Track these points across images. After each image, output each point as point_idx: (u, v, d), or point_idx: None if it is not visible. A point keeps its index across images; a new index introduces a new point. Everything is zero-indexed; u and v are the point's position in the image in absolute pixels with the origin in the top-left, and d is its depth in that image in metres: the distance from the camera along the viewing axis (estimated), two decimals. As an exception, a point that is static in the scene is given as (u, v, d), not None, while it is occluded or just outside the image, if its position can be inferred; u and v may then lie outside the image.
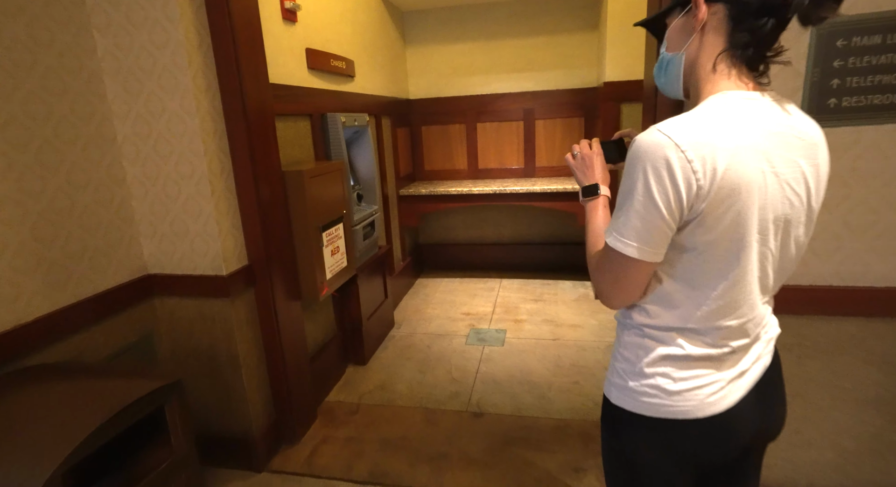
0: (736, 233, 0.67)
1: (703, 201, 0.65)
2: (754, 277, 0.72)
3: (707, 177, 0.64)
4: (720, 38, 0.72)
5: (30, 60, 1.27)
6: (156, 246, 1.62)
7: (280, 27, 1.91)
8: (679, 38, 0.78)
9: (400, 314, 3.16)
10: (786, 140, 0.68)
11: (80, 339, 1.42)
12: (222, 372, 1.72)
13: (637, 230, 0.68)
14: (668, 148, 0.64)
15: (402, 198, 3.43)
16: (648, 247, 0.69)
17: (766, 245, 0.71)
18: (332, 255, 2.06)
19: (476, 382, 2.33)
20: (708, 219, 0.66)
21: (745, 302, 0.73)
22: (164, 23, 1.40)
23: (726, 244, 0.68)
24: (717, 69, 0.73)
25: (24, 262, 1.27)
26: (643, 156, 0.66)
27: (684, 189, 0.64)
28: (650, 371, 0.76)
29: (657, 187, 0.65)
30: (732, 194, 0.65)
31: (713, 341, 0.74)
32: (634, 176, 0.67)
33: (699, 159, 0.63)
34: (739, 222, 0.66)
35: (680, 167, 0.64)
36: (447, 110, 3.67)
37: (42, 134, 1.30)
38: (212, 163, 1.53)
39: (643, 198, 0.67)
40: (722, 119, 0.67)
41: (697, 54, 0.75)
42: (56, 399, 1.05)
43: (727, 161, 0.64)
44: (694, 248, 0.69)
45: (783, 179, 0.68)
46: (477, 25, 3.50)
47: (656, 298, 0.76)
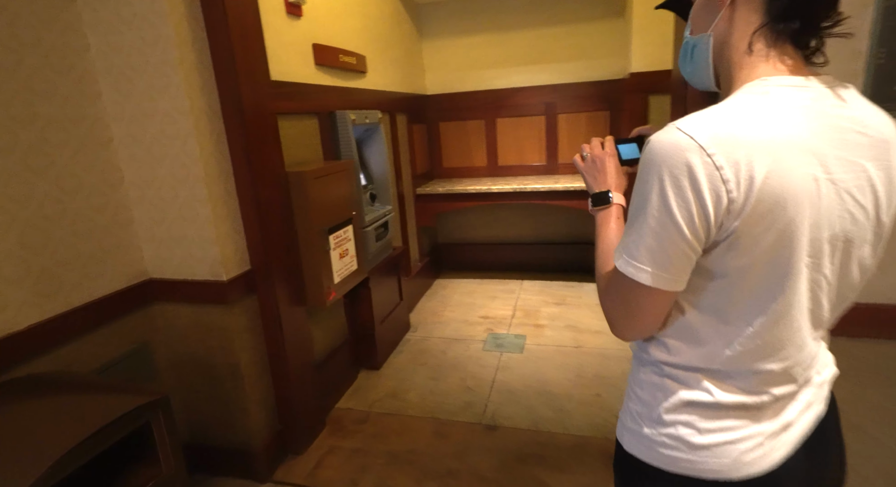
0: (779, 258, 0.54)
1: (735, 217, 0.52)
2: (803, 310, 0.58)
3: (741, 188, 0.51)
4: (755, 11, 0.58)
5: (13, 60, 1.22)
6: (154, 251, 1.57)
7: (283, 22, 1.83)
8: (704, 16, 0.64)
9: (416, 316, 3.07)
10: (846, 138, 0.55)
11: (73, 349, 1.37)
12: (222, 382, 1.66)
13: (651, 251, 0.56)
14: (690, 150, 0.51)
15: (418, 196, 3.34)
16: (666, 273, 0.56)
17: (820, 270, 0.56)
18: (341, 258, 1.98)
19: (491, 392, 2.21)
20: (743, 240, 0.53)
21: (791, 341, 0.58)
22: (153, 19, 1.33)
23: (766, 270, 0.54)
24: (753, 50, 0.59)
25: (12, 271, 1.22)
26: (659, 161, 0.53)
27: (711, 202, 0.51)
28: (670, 418, 0.62)
29: (676, 200, 0.52)
30: (775, 208, 0.51)
31: (749, 386, 0.60)
32: (648, 185, 0.54)
33: (731, 165, 0.50)
34: (784, 243, 0.53)
35: (706, 175, 0.51)
36: (465, 105, 3.54)
37: (27, 137, 1.25)
38: (208, 164, 1.46)
39: (659, 214, 0.54)
40: (760, 112, 0.53)
41: (728, 33, 0.62)
42: (35, 414, 1.00)
43: (768, 166, 0.50)
44: (724, 275, 0.56)
45: (843, 188, 0.54)
46: (494, 16, 3.36)
47: (678, 331, 0.62)
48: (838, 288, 0.60)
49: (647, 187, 0.55)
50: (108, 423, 1.01)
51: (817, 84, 0.57)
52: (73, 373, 1.27)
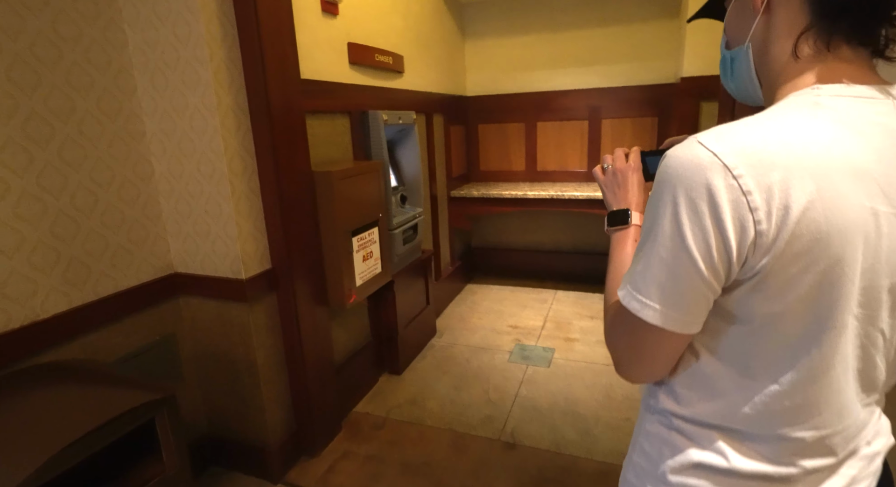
0: (818, 306, 0.44)
1: (764, 254, 0.43)
2: (848, 371, 0.48)
3: (773, 219, 0.42)
4: (798, 11, 0.49)
5: (54, 55, 1.26)
6: (181, 245, 1.59)
7: (318, 20, 1.82)
8: (739, 25, 0.56)
9: (443, 322, 3.01)
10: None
11: (99, 337, 1.41)
12: (240, 378, 1.66)
13: (661, 286, 0.47)
14: (711, 170, 0.43)
15: (452, 199, 3.28)
16: (676, 313, 0.47)
17: (875, 324, 0.46)
18: (364, 261, 1.95)
19: (514, 407, 2.12)
20: (773, 282, 0.44)
21: (829, 406, 0.48)
22: (187, 15, 1.34)
23: (801, 320, 0.45)
24: (800, 54, 0.50)
25: (42, 259, 1.26)
26: (674, 181, 0.45)
27: (734, 234, 0.43)
28: (676, 480, 0.53)
29: (692, 228, 0.44)
30: (817, 246, 0.42)
31: (774, 454, 0.50)
32: (661, 207, 0.46)
33: (762, 190, 0.42)
34: (826, 290, 0.43)
35: (729, 200, 0.42)
36: (506, 107, 3.46)
37: (65, 130, 1.29)
38: (232, 162, 1.46)
39: (671, 243, 0.46)
40: (806, 127, 0.44)
41: (768, 41, 0.52)
42: (41, 405, 1.01)
43: (810, 193, 0.41)
44: (748, 320, 0.47)
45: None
46: (541, 16, 3.25)
47: (690, 379, 0.53)
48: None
49: (660, 210, 0.46)
50: (109, 420, 1.01)
51: (890, 93, 0.46)
52: (92, 363, 1.29)
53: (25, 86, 1.20)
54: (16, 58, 1.18)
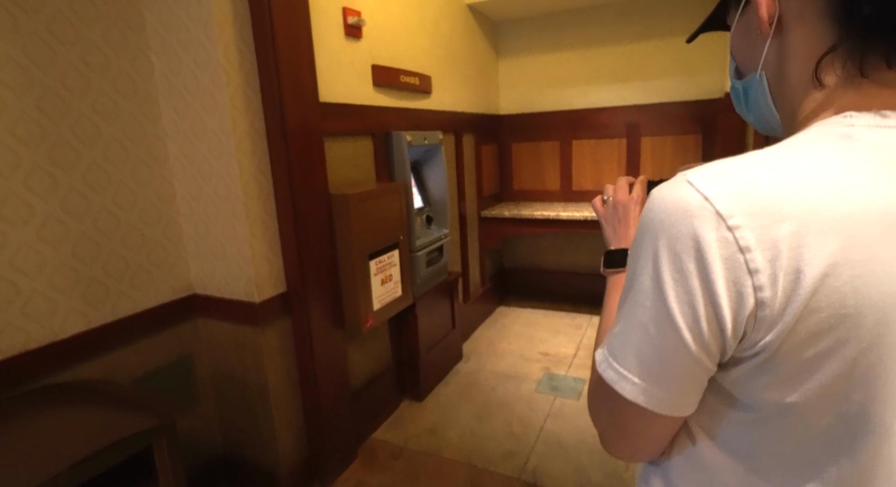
0: (848, 402, 0.34)
1: (769, 329, 0.33)
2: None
3: (780, 285, 0.32)
4: (818, 29, 0.38)
5: (83, 85, 1.31)
6: (200, 267, 1.61)
7: (341, 43, 1.83)
8: (748, 50, 0.45)
9: (470, 346, 2.92)
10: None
11: (117, 357, 1.43)
12: (253, 401, 1.64)
13: (640, 356, 0.38)
14: (700, 218, 0.34)
15: (483, 219, 3.21)
16: (660, 391, 0.38)
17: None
18: (383, 284, 1.91)
19: (538, 442, 1.99)
20: (784, 365, 0.34)
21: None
22: (205, 42, 1.38)
23: (825, 418, 0.35)
24: (824, 81, 0.39)
25: (63, 280, 1.30)
26: (656, 229, 0.36)
27: (728, 301, 0.33)
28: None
29: (675, 290, 0.35)
30: (843, 324, 0.32)
31: None
32: (641, 259, 0.37)
33: (765, 247, 0.32)
34: (859, 382, 0.33)
35: (722, 258, 0.33)
36: (540, 126, 3.38)
37: (90, 155, 1.34)
38: (247, 185, 1.47)
39: (651, 306, 0.36)
40: (827, 166, 0.34)
41: (784, 66, 0.41)
42: (42, 428, 1.02)
43: (833, 255, 0.31)
44: (753, 408, 0.37)
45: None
46: (577, 31, 3.17)
47: (687, 466, 0.43)
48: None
49: (640, 262, 0.37)
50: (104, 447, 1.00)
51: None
52: (103, 383, 1.31)
53: (54, 115, 1.26)
54: (46, 88, 1.24)
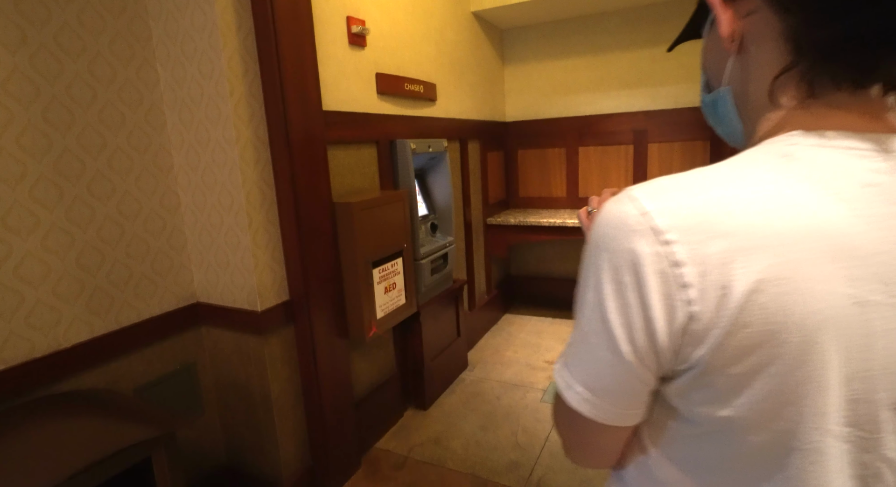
0: (779, 419, 0.34)
1: (699, 343, 0.34)
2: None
3: (709, 299, 0.33)
4: (774, 50, 0.38)
5: (89, 96, 1.33)
6: (203, 275, 1.61)
7: (345, 52, 1.83)
8: (716, 64, 0.46)
9: (476, 354, 2.90)
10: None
11: (121, 365, 1.43)
12: (256, 411, 1.64)
13: (585, 367, 0.40)
14: (638, 233, 0.35)
15: (489, 226, 3.20)
16: (603, 402, 0.39)
17: (876, 451, 0.35)
18: (386, 292, 1.90)
19: (543, 453, 1.96)
20: (717, 381, 0.35)
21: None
22: (210, 53, 1.38)
23: (758, 434, 0.35)
24: (779, 101, 0.39)
25: (67, 289, 1.30)
26: (599, 242, 0.37)
27: (661, 314, 0.34)
28: None
29: (614, 302, 0.36)
30: (770, 341, 0.32)
31: None
32: (587, 272, 0.39)
33: (697, 262, 0.33)
34: (789, 399, 0.33)
35: (656, 272, 0.34)
36: (546, 132, 3.36)
37: (95, 165, 1.35)
38: (250, 193, 1.47)
39: (592, 317, 0.38)
40: (765, 185, 0.34)
41: (746, 82, 0.42)
42: (40, 439, 1.02)
43: (762, 271, 0.32)
44: (695, 422, 0.38)
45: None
46: (584, 38, 3.16)
47: (639, 474, 0.44)
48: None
49: (587, 275, 0.39)
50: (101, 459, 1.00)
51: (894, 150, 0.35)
52: (105, 392, 1.31)
53: (60, 125, 1.27)
54: (52, 99, 1.25)
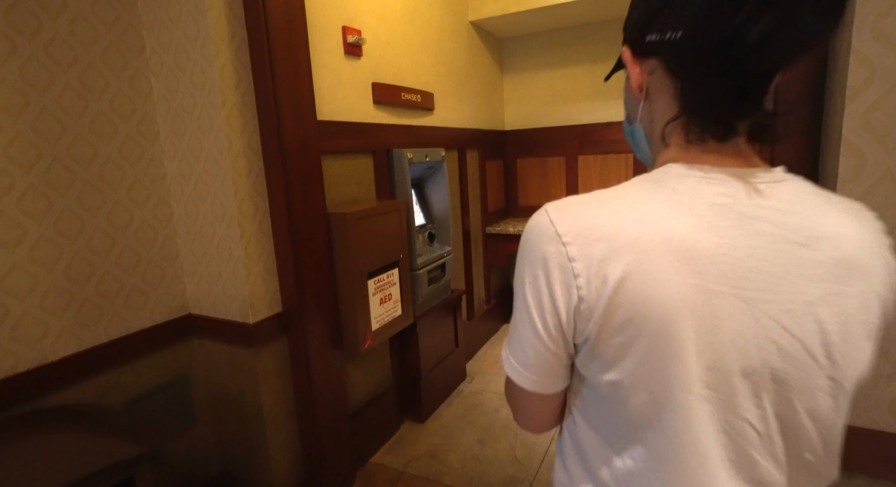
0: (652, 382, 0.43)
1: (588, 320, 0.45)
2: (709, 459, 0.44)
3: (593, 287, 0.43)
4: (669, 102, 0.50)
5: (80, 106, 1.32)
6: (195, 287, 1.60)
7: (341, 62, 1.83)
8: (631, 104, 0.57)
9: (474, 365, 2.86)
10: (777, 248, 0.43)
11: (109, 378, 1.41)
12: (248, 424, 1.61)
13: (514, 345, 0.52)
14: (547, 238, 0.46)
15: (488, 235, 3.18)
16: (527, 372, 0.51)
17: (736, 412, 0.44)
18: (382, 304, 1.88)
19: (542, 468, 1.92)
20: (604, 351, 0.45)
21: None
22: (203, 63, 1.38)
23: (638, 395, 0.44)
24: (668, 141, 0.51)
25: (54, 301, 1.28)
26: (525, 245, 0.49)
27: (561, 298, 0.45)
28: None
29: (531, 290, 0.47)
30: (636, 319, 0.42)
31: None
32: (519, 269, 0.50)
33: (583, 257, 0.44)
34: (657, 365, 0.43)
35: (558, 265, 0.45)
36: (546, 141, 3.35)
37: (86, 176, 1.34)
38: (242, 204, 1.46)
39: (519, 303, 0.50)
40: (638, 203, 0.45)
41: (650, 122, 0.53)
42: (22, 457, 0.99)
43: (627, 266, 0.42)
44: (596, 387, 0.48)
45: (762, 309, 0.42)
46: (583, 47, 3.16)
47: (573, 445, 0.54)
48: (789, 446, 0.45)
49: (519, 269, 0.50)
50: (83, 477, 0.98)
51: (751, 178, 0.45)
52: (92, 407, 1.28)
53: (49, 136, 1.26)
54: (42, 110, 1.24)
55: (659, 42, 0.47)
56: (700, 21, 0.42)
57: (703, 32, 0.42)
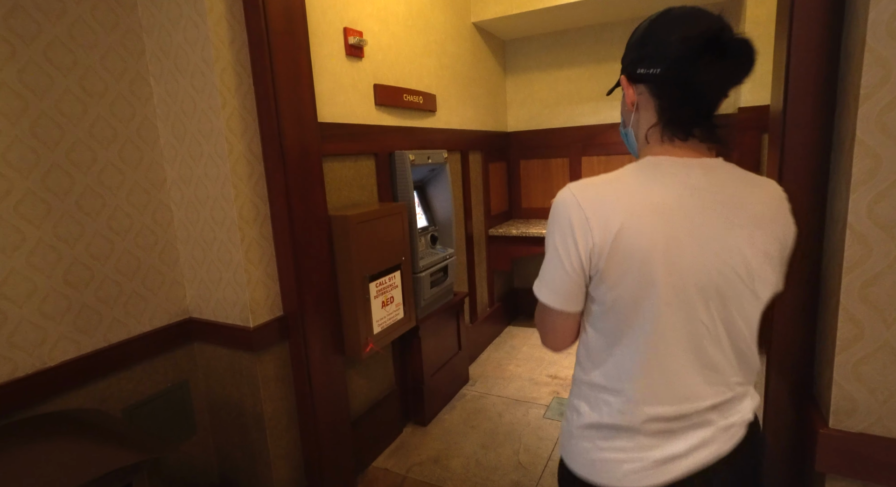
0: (638, 297, 0.65)
1: (599, 259, 0.65)
2: (678, 351, 0.67)
3: (600, 236, 0.64)
4: (651, 114, 0.72)
5: (79, 110, 1.31)
6: (196, 291, 1.58)
7: (342, 64, 1.82)
8: (625, 114, 0.79)
9: (477, 368, 2.84)
10: (719, 208, 0.66)
11: (108, 384, 1.40)
12: (249, 431, 1.59)
13: (548, 279, 0.71)
14: (571, 206, 0.66)
15: (491, 238, 3.16)
16: (557, 296, 0.71)
17: (694, 316, 0.66)
18: (384, 307, 1.86)
19: (545, 473, 1.90)
20: (608, 278, 0.66)
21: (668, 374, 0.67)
22: (203, 66, 1.37)
23: (631, 306, 0.66)
24: (649, 141, 0.73)
25: (53, 307, 1.27)
26: (555, 213, 0.69)
27: (581, 245, 0.66)
28: (578, 433, 0.76)
29: (560, 241, 0.68)
30: (629, 257, 0.64)
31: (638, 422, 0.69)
32: (551, 229, 0.70)
33: (595, 217, 0.64)
34: (642, 286, 0.64)
35: (579, 224, 0.65)
36: (549, 143, 3.33)
37: (85, 180, 1.33)
38: (243, 208, 1.44)
39: (551, 251, 0.70)
40: (630, 181, 0.67)
41: (638, 128, 0.76)
42: (17, 465, 0.98)
43: (622, 222, 0.63)
44: (603, 303, 0.69)
45: (710, 248, 0.65)
46: (587, 49, 3.14)
47: (586, 351, 0.75)
48: (730, 339, 0.68)
49: (550, 230, 0.70)
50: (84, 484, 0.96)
51: (701, 164, 0.68)
52: (89, 413, 1.27)
53: (48, 140, 1.25)
54: (41, 115, 1.23)
55: (645, 75, 0.69)
56: (670, 67, 0.65)
57: (672, 74, 0.66)
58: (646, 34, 0.69)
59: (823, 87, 0.81)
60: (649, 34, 0.68)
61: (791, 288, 0.92)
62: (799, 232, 0.71)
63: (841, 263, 0.75)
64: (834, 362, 0.76)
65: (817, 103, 0.81)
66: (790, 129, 0.84)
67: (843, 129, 0.78)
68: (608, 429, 0.70)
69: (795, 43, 0.82)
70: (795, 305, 0.91)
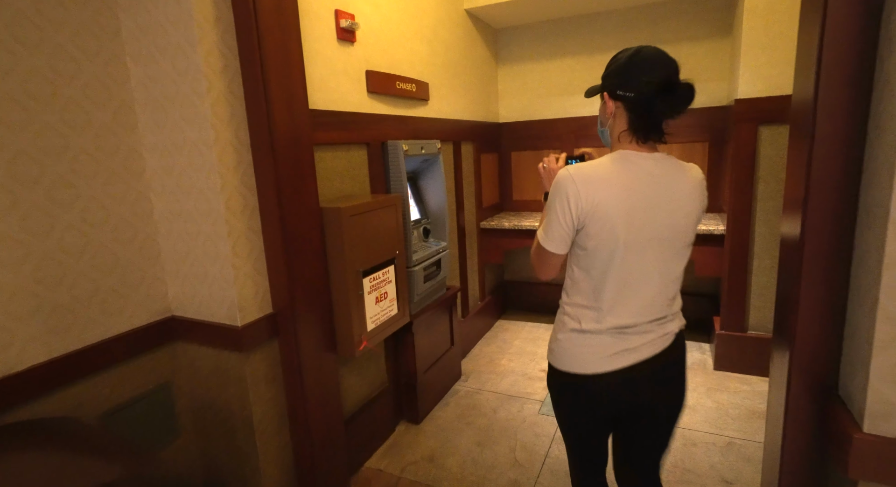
0: (609, 244, 0.98)
1: (586, 217, 0.97)
2: (639, 281, 1.01)
3: (587, 203, 0.96)
4: (622, 121, 1.03)
5: (48, 92, 1.20)
6: (179, 288, 1.49)
7: (333, 49, 1.72)
8: (604, 117, 1.09)
9: (469, 363, 2.80)
10: (657, 186, 0.99)
11: (83, 388, 1.30)
12: (236, 435, 1.52)
13: (549, 231, 1.02)
14: (569, 182, 0.97)
15: (483, 231, 3.10)
16: (555, 243, 1.02)
17: (645, 257, 0.99)
18: (377, 303, 1.79)
19: (543, 470, 1.87)
20: (590, 231, 0.98)
21: (630, 296, 1.02)
22: (186, 47, 1.26)
23: (604, 251, 0.99)
24: (620, 140, 1.04)
25: (21, 307, 1.17)
26: (558, 185, 0.99)
27: (574, 209, 0.97)
28: (563, 338, 1.09)
29: (559, 206, 0.99)
30: (605, 217, 0.96)
31: (605, 328, 1.03)
32: (554, 196, 1.00)
33: (585, 191, 0.96)
34: (611, 237, 0.97)
35: (573, 195, 0.97)
36: (541, 134, 3.28)
37: (56, 169, 1.22)
38: (230, 200, 1.35)
39: (552, 213, 1.01)
40: (608, 166, 0.99)
41: (613, 130, 1.07)
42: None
43: (602, 194, 0.96)
44: (585, 248, 1.01)
45: (653, 212, 0.98)
46: (580, 39, 3.09)
47: (571, 282, 1.08)
48: (668, 275, 1.03)
49: (553, 197, 1.00)
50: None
51: (652, 156, 1.01)
52: (63, 422, 1.17)
53: (13, 125, 1.14)
54: (4, 96, 1.12)
55: (622, 96, 1.00)
56: (638, 96, 0.97)
57: (640, 100, 0.97)
58: (625, 69, 0.98)
59: (859, 74, 0.77)
60: (627, 69, 0.98)
61: (815, 286, 0.88)
62: (826, 227, 0.85)
63: (881, 259, 0.71)
64: (870, 364, 0.72)
65: (853, 92, 0.77)
66: (822, 120, 0.79)
67: (884, 117, 0.74)
68: (585, 333, 1.04)
69: (830, 26, 0.77)
70: (820, 303, 0.87)
